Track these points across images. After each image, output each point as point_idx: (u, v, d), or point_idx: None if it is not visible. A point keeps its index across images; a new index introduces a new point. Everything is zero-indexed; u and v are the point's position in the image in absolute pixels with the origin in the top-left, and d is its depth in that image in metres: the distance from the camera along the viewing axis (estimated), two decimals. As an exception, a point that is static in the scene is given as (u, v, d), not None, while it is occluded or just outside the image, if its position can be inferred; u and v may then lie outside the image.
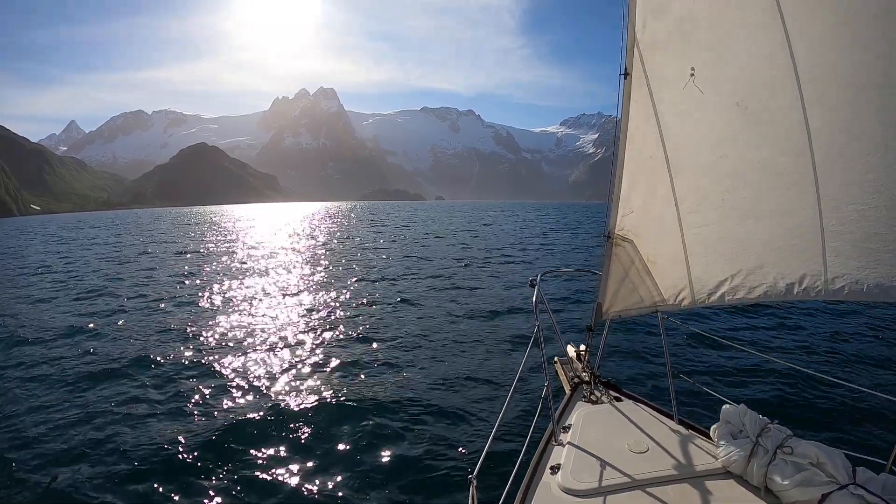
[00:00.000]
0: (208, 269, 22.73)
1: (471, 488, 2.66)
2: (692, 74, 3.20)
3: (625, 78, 3.44)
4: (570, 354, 4.52)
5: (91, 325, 12.52)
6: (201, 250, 32.19)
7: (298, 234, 47.39)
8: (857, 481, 2.37)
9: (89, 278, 21.18)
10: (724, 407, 3.11)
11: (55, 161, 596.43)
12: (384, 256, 27.71)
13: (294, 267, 23.27)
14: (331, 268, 22.77)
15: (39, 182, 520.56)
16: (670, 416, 3.48)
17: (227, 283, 18.66)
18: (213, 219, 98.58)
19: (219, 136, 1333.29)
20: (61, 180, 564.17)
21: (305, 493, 5.34)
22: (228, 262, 25.06)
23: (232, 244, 34.73)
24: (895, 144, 2.73)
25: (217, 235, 47.87)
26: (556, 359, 4.55)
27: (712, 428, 3.11)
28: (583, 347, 4.43)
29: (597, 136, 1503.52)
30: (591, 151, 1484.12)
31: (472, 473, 2.72)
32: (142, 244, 39.22)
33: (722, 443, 2.93)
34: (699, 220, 3.50)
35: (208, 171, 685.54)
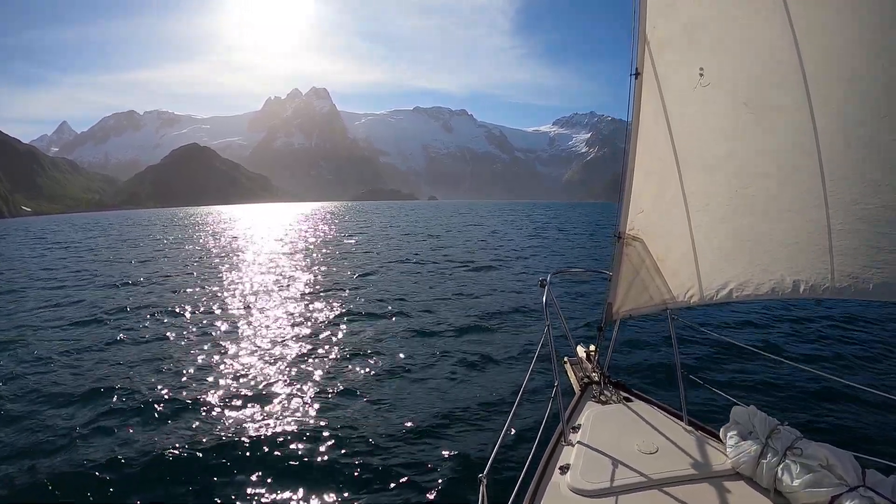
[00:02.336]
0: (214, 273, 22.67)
1: (481, 487, 2.65)
2: (700, 74, 3.23)
3: (635, 78, 3.48)
4: (580, 354, 4.52)
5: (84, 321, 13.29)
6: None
7: (293, 237, 47.02)
8: (867, 483, 2.37)
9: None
10: (733, 408, 3.13)
11: (47, 162, 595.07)
12: (386, 256, 28.10)
13: (293, 269, 23.11)
14: (332, 269, 22.94)
15: (31, 183, 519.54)
16: (680, 417, 3.49)
17: (229, 287, 18.52)
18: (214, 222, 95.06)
19: (211, 136, 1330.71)
20: (53, 181, 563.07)
21: (314, 491, 5.32)
22: (236, 267, 24.59)
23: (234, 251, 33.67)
24: None
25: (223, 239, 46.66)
26: (565, 359, 4.55)
27: (722, 429, 3.12)
28: (592, 347, 4.45)
29: (589, 135, 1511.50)
30: (584, 151, 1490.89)
31: (482, 472, 2.70)
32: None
33: (731, 444, 2.94)
34: (708, 218, 3.53)
35: (200, 172, 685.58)
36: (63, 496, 5.39)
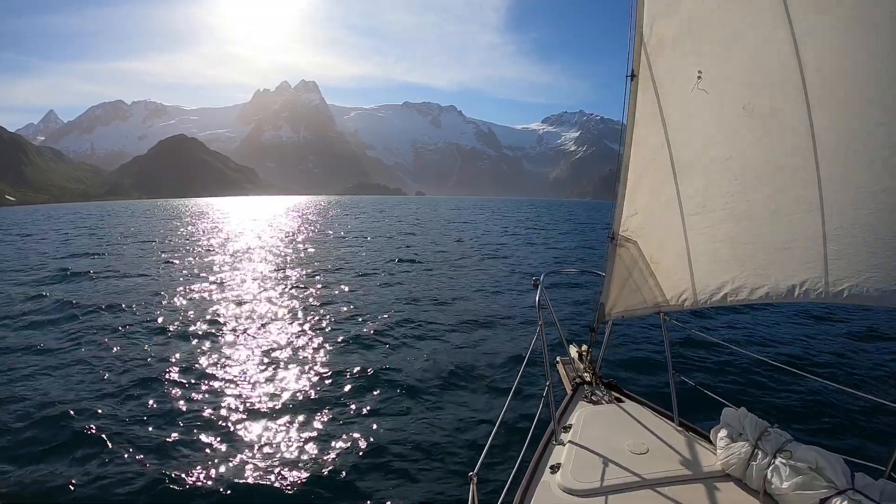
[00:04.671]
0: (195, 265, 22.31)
1: (471, 485, 2.67)
2: (699, 77, 3.22)
3: (631, 80, 3.46)
4: (573, 354, 4.53)
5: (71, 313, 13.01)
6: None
7: (279, 233, 45.11)
8: (856, 487, 2.39)
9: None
10: (724, 409, 3.14)
11: (32, 151, 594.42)
12: (378, 253, 27.18)
13: (283, 265, 22.45)
14: (321, 266, 22.43)
15: (16, 172, 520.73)
16: (671, 418, 3.50)
17: (221, 279, 18.42)
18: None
19: (198, 127, 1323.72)
20: (38, 171, 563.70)
21: (306, 488, 5.31)
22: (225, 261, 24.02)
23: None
24: None
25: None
26: (558, 359, 4.56)
27: (712, 430, 3.13)
28: (585, 348, 4.45)
29: (578, 133, 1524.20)
30: (572, 149, 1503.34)
31: (472, 471, 2.72)
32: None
33: (721, 445, 2.95)
34: (703, 221, 3.53)
35: (187, 164, 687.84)
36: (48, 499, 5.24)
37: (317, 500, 5.22)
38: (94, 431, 6.53)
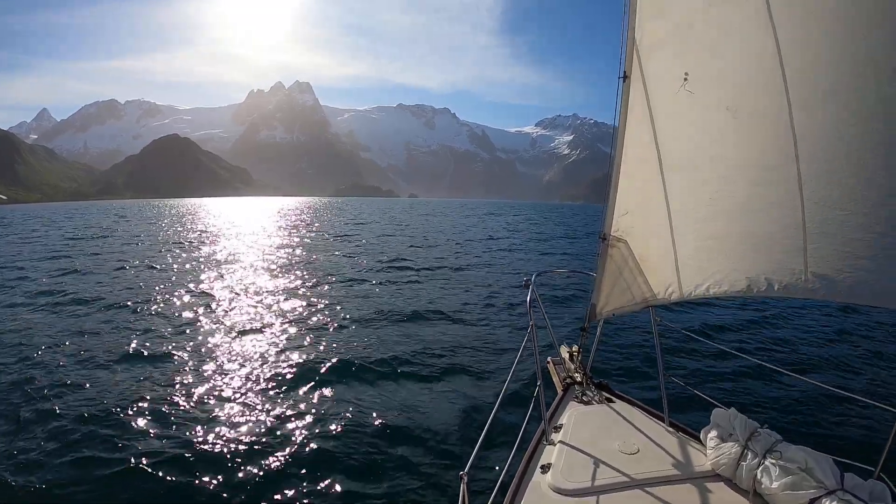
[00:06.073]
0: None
1: (462, 485, 2.70)
2: (685, 78, 3.31)
3: (623, 81, 3.56)
4: (563, 355, 4.57)
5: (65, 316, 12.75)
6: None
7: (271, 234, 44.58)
8: (845, 487, 2.40)
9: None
10: (714, 410, 3.18)
11: (25, 149, 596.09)
12: (370, 256, 26.71)
13: (272, 269, 21.68)
14: (305, 269, 21.78)
15: (8, 171, 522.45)
16: (661, 418, 3.54)
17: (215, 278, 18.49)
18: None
19: (192, 127, 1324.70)
20: (31, 169, 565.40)
21: (291, 490, 5.29)
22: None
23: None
24: (877, 150, 2.80)
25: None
26: (549, 359, 4.61)
27: (702, 430, 3.17)
28: (576, 348, 4.47)
29: (571, 137, 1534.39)
30: (565, 153, 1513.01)
31: (463, 470, 2.74)
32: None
33: (712, 445, 2.99)
34: (690, 219, 3.62)
35: (180, 164, 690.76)
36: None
37: (307, 499, 5.19)
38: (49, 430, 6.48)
